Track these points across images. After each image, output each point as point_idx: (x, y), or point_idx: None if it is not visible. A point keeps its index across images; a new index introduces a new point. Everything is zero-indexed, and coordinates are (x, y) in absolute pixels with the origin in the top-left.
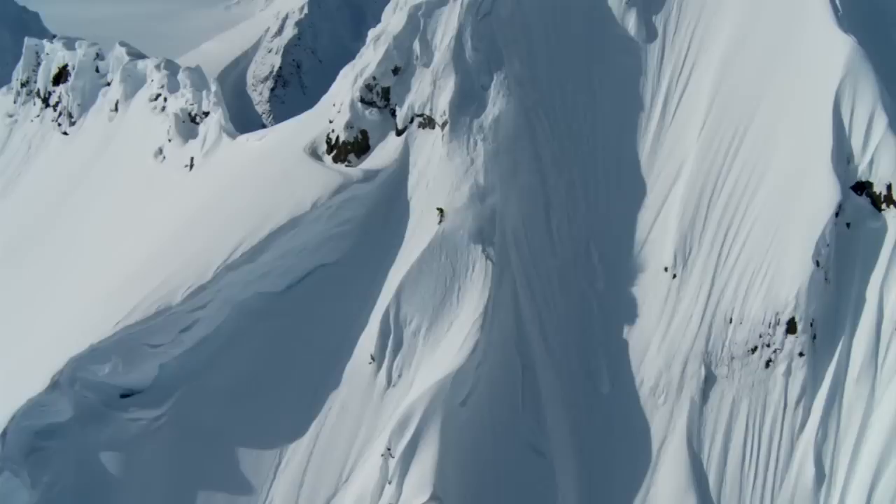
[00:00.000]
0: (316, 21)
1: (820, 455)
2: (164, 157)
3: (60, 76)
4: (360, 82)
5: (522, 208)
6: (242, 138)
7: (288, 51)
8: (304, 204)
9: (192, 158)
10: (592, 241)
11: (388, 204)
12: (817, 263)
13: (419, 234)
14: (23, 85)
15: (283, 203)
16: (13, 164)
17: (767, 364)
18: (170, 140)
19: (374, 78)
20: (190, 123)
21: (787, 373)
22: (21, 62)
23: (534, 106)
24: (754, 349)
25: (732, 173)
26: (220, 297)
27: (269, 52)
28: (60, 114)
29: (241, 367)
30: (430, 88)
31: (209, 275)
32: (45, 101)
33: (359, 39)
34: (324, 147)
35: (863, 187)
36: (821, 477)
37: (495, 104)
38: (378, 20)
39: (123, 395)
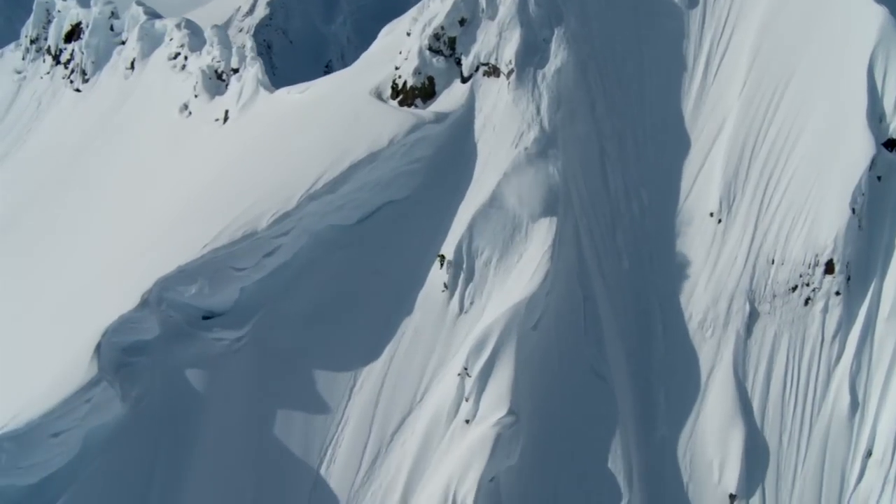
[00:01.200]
0: (288, 2)
1: (854, 385)
2: (191, 113)
3: (73, 34)
4: (429, 31)
5: (580, 154)
6: (282, 92)
7: (259, 31)
8: (381, 140)
9: (226, 112)
10: (642, 187)
11: (456, 145)
12: (853, 211)
13: (488, 173)
14: (32, 42)
15: (361, 139)
16: (22, 120)
17: (806, 302)
18: (196, 96)
19: (442, 28)
20: (216, 80)
21: (825, 310)
22: (31, 18)
23: (588, 61)
24: (794, 288)
25: (773, 128)
26: (300, 225)
27: (240, 31)
28: (73, 71)
29: (316, 294)
30: (496, 39)
31: (293, 203)
32: (56, 59)
33: (330, 23)
34: (389, 92)
35: (893, 144)
36: (855, 405)
37: (556, 56)
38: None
39: (205, 318)
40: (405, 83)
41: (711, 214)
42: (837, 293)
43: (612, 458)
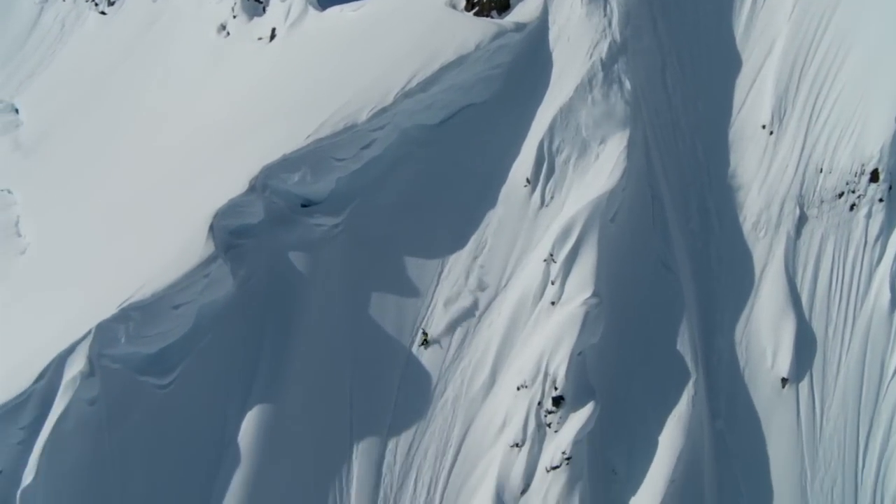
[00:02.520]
0: None
1: (894, 284)
2: (229, 33)
3: None
4: None
5: (645, 66)
6: (333, 10)
7: None
8: (468, 44)
9: (272, 30)
10: (699, 100)
11: (533, 54)
12: None
13: (564, 80)
14: None
15: (448, 43)
16: (46, 43)
17: (851, 207)
18: (234, 17)
19: None
20: (255, 1)
21: (868, 215)
22: None
23: None
24: (841, 194)
25: (821, 48)
26: (393, 121)
27: None
28: None
29: (405, 187)
30: None
31: (390, 98)
32: None
33: None
34: (463, 4)
35: None
36: (894, 301)
37: None
38: None
39: (303, 206)
40: None
41: (763, 127)
42: (881, 200)
43: (681, 340)
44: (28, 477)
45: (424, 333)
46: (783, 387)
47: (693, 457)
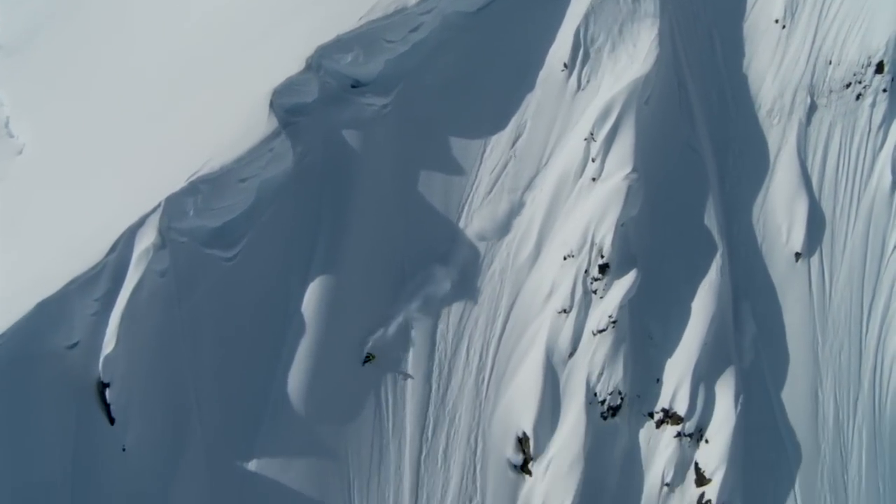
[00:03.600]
0: None
1: (894, 167)
2: None
3: None
4: None
5: None
6: None
7: None
8: None
9: None
10: None
11: None
12: None
13: None
14: None
15: None
16: None
17: (858, 97)
18: None
19: None
20: None
21: (873, 104)
22: None
23: None
24: (848, 85)
25: None
26: (438, 6)
27: None
28: None
29: (448, 71)
30: None
31: None
32: None
33: None
34: None
35: None
36: (894, 184)
37: None
38: None
39: (353, 86)
40: None
41: (776, 21)
42: (885, 90)
43: (707, 216)
44: (109, 345)
45: (369, 355)
46: (797, 261)
47: (722, 322)
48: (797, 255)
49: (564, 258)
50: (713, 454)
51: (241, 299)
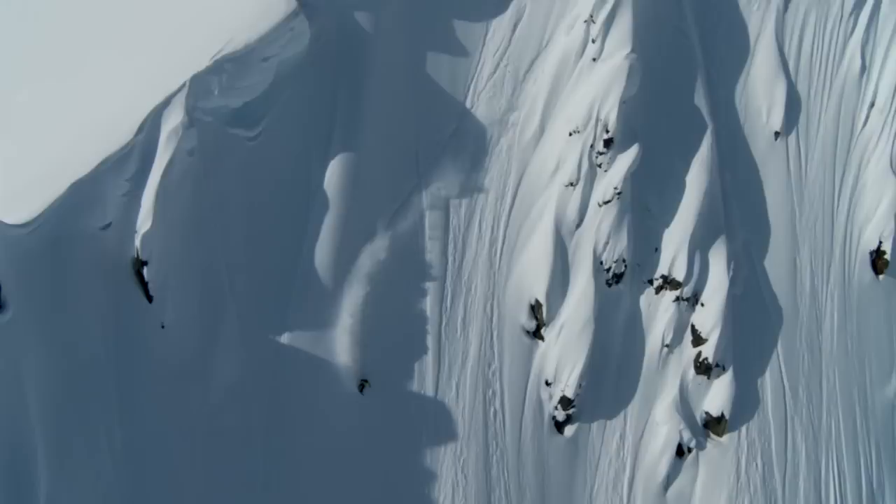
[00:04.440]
0: None
1: (864, 52)
2: None
3: None
4: None
5: None
6: None
7: None
8: None
9: None
10: None
11: None
12: None
13: None
14: None
15: None
16: None
17: None
18: None
19: None
20: None
21: None
22: None
23: None
24: None
25: None
26: None
27: None
28: None
29: None
30: None
31: None
32: None
33: None
34: None
35: None
36: (863, 67)
37: None
38: None
39: None
40: None
41: None
42: None
43: (697, 96)
44: (145, 224)
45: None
46: (775, 139)
47: (713, 195)
48: (776, 134)
49: (570, 134)
50: (708, 316)
51: (266, 178)
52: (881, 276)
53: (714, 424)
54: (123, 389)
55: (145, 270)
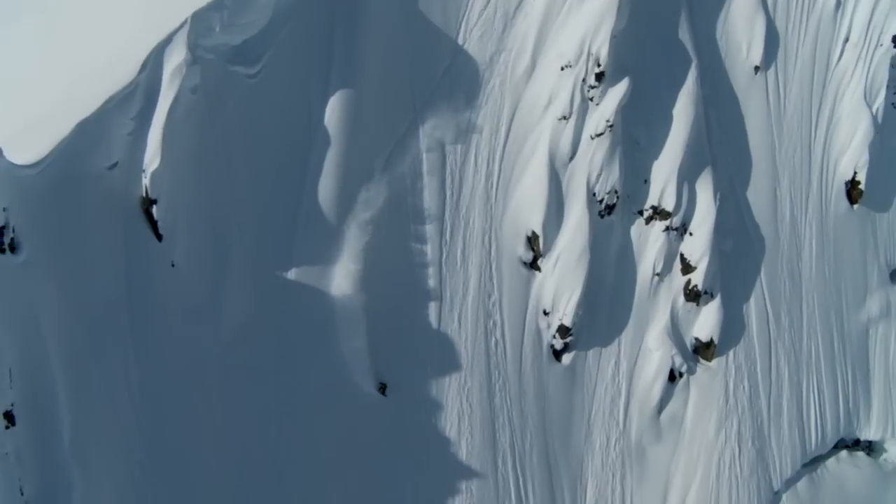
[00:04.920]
0: None
1: None
2: None
3: None
4: None
5: None
6: None
7: None
8: None
9: None
10: None
11: None
12: None
13: None
14: None
15: None
16: None
17: None
18: None
19: None
20: None
21: None
22: None
23: None
24: None
25: None
26: None
27: None
28: None
29: None
30: None
31: None
32: None
33: None
34: None
35: None
36: (838, 4)
37: None
38: None
39: None
40: None
41: None
42: None
43: (681, 31)
44: (154, 162)
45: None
46: (755, 73)
47: (699, 128)
48: (756, 69)
49: (561, 69)
50: (697, 245)
51: (268, 115)
52: (856, 206)
53: (703, 350)
54: (137, 329)
55: (154, 209)
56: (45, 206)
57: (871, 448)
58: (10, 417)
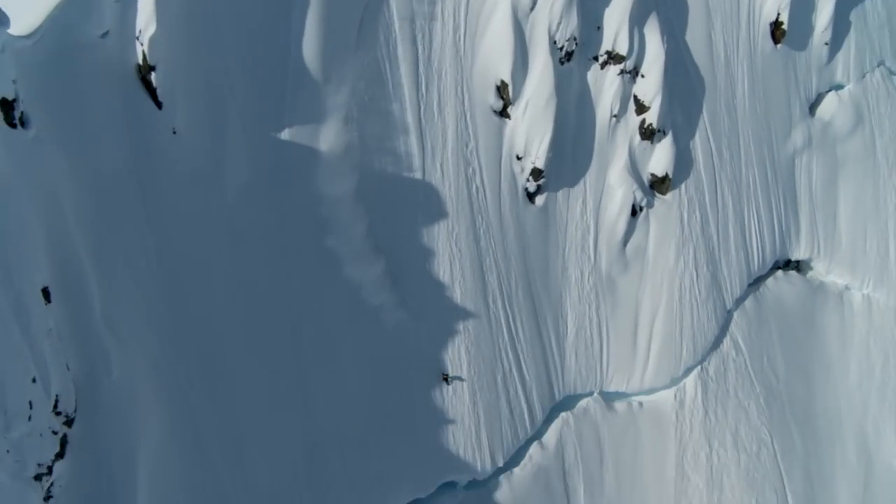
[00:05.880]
0: None
1: None
2: None
3: None
4: None
5: None
6: None
7: None
8: None
9: None
10: None
11: None
12: None
13: None
14: None
15: None
16: None
17: None
18: None
19: None
20: None
21: None
22: None
23: None
24: None
25: None
26: None
27: None
28: None
29: None
30: None
31: None
32: None
33: None
34: None
35: None
36: None
37: None
38: None
39: None
40: None
41: None
42: None
43: None
44: (150, 27)
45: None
46: None
47: None
48: None
49: None
50: (649, 86)
51: None
52: (779, 45)
53: (659, 184)
54: (148, 198)
55: (153, 76)
56: (45, 79)
57: (799, 266)
58: (46, 294)
